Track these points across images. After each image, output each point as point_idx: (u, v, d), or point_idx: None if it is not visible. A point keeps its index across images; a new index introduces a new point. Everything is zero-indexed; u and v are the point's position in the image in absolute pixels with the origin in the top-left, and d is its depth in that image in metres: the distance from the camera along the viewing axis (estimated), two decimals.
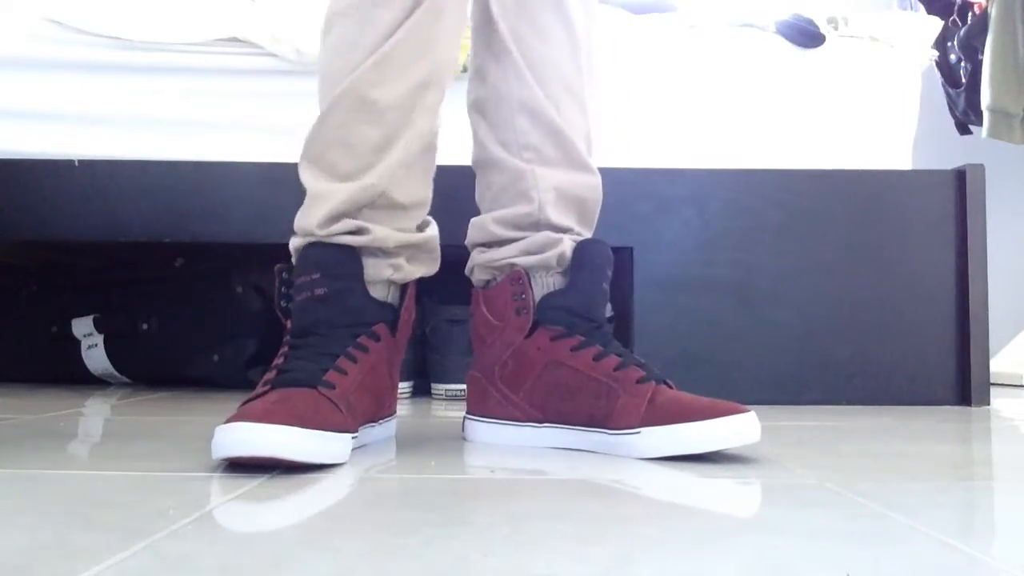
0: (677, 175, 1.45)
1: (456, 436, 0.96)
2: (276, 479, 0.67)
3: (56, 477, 0.67)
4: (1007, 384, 2.02)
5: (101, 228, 1.43)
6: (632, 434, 0.81)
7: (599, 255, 0.91)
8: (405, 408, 1.33)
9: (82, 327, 1.63)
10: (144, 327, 1.61)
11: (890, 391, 1.42)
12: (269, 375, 0.78)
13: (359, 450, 0.83)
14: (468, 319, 0.98)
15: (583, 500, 0.62)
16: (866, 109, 1.61)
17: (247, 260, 1.59)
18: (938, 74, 2.40)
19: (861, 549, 0.48)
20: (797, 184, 1.46)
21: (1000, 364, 2.09)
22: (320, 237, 0.83)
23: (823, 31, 1.63)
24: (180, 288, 1.62)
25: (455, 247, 1.00)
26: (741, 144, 1.57)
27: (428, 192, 0.91)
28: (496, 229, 0.93)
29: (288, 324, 0.84)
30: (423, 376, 1.54)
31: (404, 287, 0.89)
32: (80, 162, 1.44)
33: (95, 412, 1.20)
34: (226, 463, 0.72)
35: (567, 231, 0.93)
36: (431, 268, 0.93)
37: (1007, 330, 2.21)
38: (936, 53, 1.81)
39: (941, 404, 1.42)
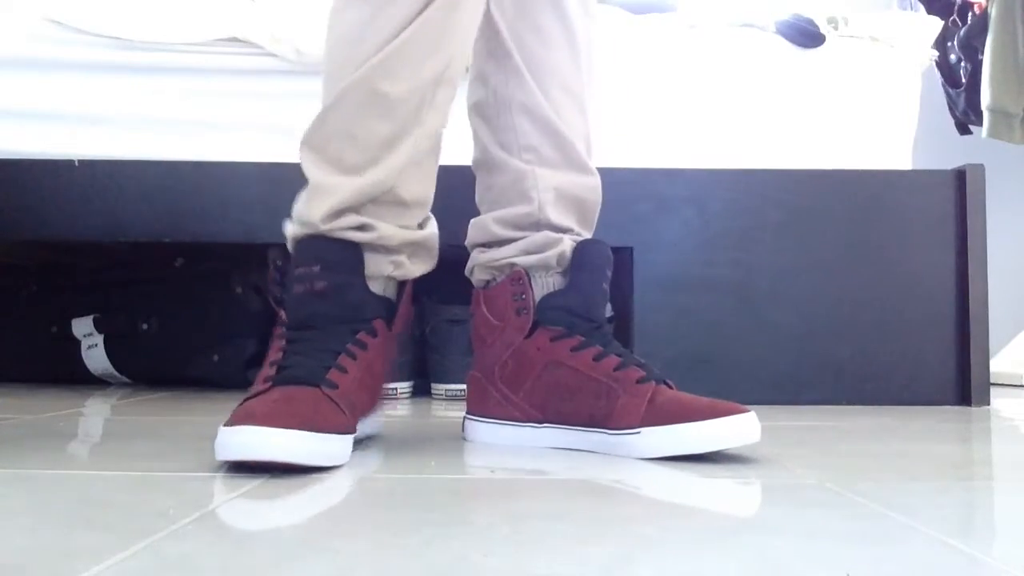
0: (677, 175, 1.45)
1: (456, 436, 0.96)
2: (276, 479, 0.67)
3: (56, 477, 0.67)
4: (1007, 384, 2.02)
5: (101, 228, 1.43)
6: (632, 434, 0.81)
7: (599, 255, 0.91)
8: (405, 408, 1.33)
9: (82, 327, 1.63)
10: (144, 327, 1.61)
11: (890, 391, 1.42)
12: (269, 371, 0.77)
13: (359, 450, 0.83)
14: (468, 319, 0.98)
15: (583, 500, 0.62)
16: (866, 109, 1.61)
17: (247, 260, 1.59)
18: (938, 74, 2.40)
19: (861, 549, 0.48)
20: (797, 184, 1.46)
21: (1000, 364, 2.09)
22: (323, 231, 0.82)
23: (823, 31, 1.63)
24: (180, 288, 1.62)
25: (455, 247, 1.00)
26: (741, 144, 1.57)
27: (431, 190, 0.90)
28: (496, 229, 0.93)
29: (282, 314, 0.83)
30: (423, 376, 1.54)
31: (402, 282, 0.89)
32: (80, 162, 1.44)
33: (95, 412, 1.20)
34: (227, 464, 0.72)
35: (567, 231, 0.93)
36: (430, 266, 0.92)
37: (1007, 330, 2.21)
38: (936, 53, 1.81)
39: (941, 404, 1.42)
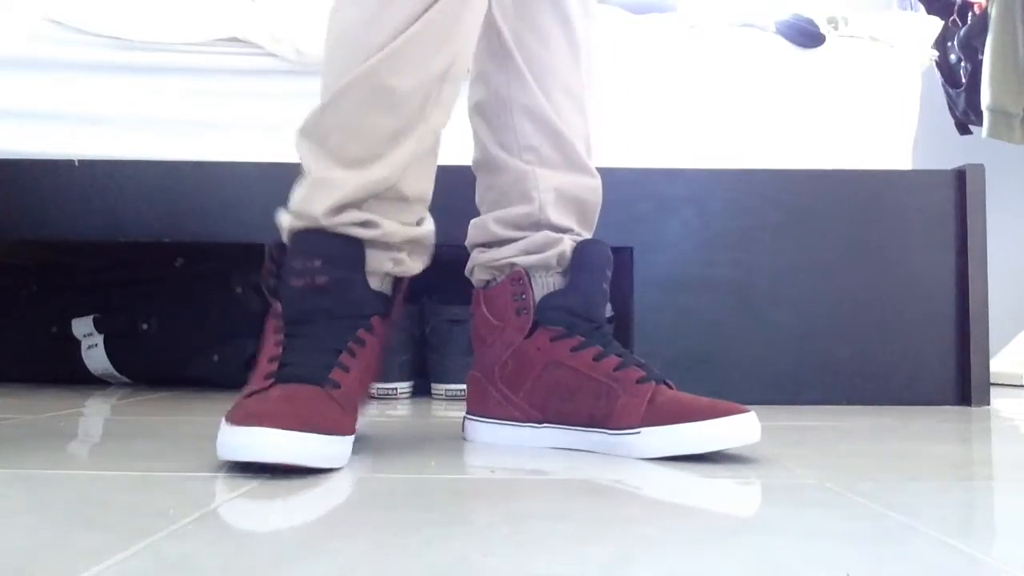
0: (677, 175, 1.45)
1: (456, 436, 0.96)
2: (276, 479, 0.67)
3: (56, 477, 0.67)
4: (1007, 384, 2.02)
5: (101, 228, 1.43)
6: (632, 434, 0.81)
7: (599, 255, 0.91)
8: (405, 408, 1.33)
9: (82, 327, 1.63)
10: (144, 327, 1.61)
11: (890, 391, 1.42)
12: (269, 367, 0.76)
13: (358, 450, 0.83)
14: (468, 319, 0.98)
15: (583, 500, 0.62)
16: (866, 109, 1.61)
17: (247, 260, 1.59)
18: (938, 74, 2.40)
19: (861, 549, 0.48)
20: (797, 184, 1.46)
21: (1000, 364, 2.09)
22: (325, 226, 0.81)
23: (823, 31, 1.63)
24: (180, 288, 1.62)
25: (455, 247, 1.00)
26: (741, 144, 1.57)
27: (431, 187, 0.90)
28: (496, 229, 0.93)
29: (277, 305, 0.81)
30: (423, 376, 1.54)
31: (397, 278, 0.88)
32: (80, 162, 1.44)
33: (95, 412, 1.20)
34: (228, 464, 0.72)
35: (567, 231, 0.93)
36: (426, 263, 0.92)
37: (1007, 330, 2.21)
38: (936, 53, 1.81)
39: (941, 404, 1.42)
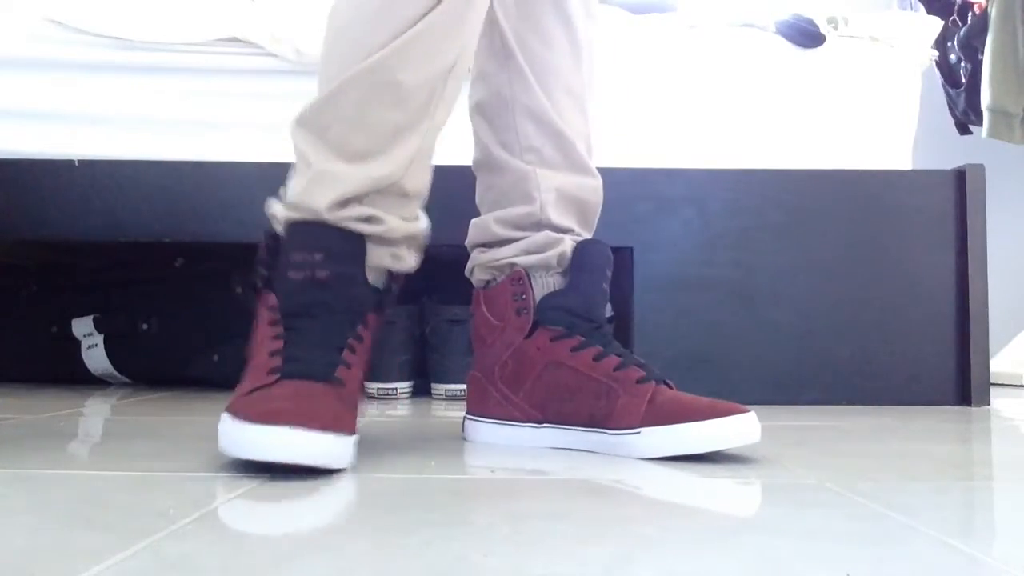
0: (677, 175, 1.45)
1: (456, 436, 0.96)
2: (276, 479, 0.66)
3: (56, 477, 0.67)
4: (1007, 384, 2.02)
5: (101, 228, 1.43)
6: (632, 434, 0.81)
7: (599, 255, 0.91)
8: (405, 408, 1.33)
9: (82, 327, 1.63)
10: (144, 327, 1.61)
11: (890, 391, 1.42)
12: (272, 361, 0.74)
13: (358, 450, 0.82)
14: (468, 319, 0.98)
15: (583, 500, 0.62)
16: (866, 109, 1.61)
17: (247, 260, 1.58)
18: (938, 74, 2.40)
19: (861, 549, 0.48)
20: (797, 184, 1.46)
21: (1000, 364, 2.09)
22: (328, 220, 0.79)
23: (823, 31, 1.63)
24: (180, 288, 1.62)
25: (455, 247, 1.00)
26: (741, 144, 1.57)
27: (429, 182, 0.88)
28: (497, 229, 0.93)
29: (271, 297, 0.79)
30: (423, 376, 1.54)
31: (391, 273, 0.86)
32: (80, 162, 1.44)
33: (95, 412, 1.20)
34: (227, 464, 0.72)
35: (567, 232, 0.93)
36: (419, 259, 0.90)
37: (1007, 330, 2.21)
38: (936, 53, 1.81)
39: (941, 404, 1.42)
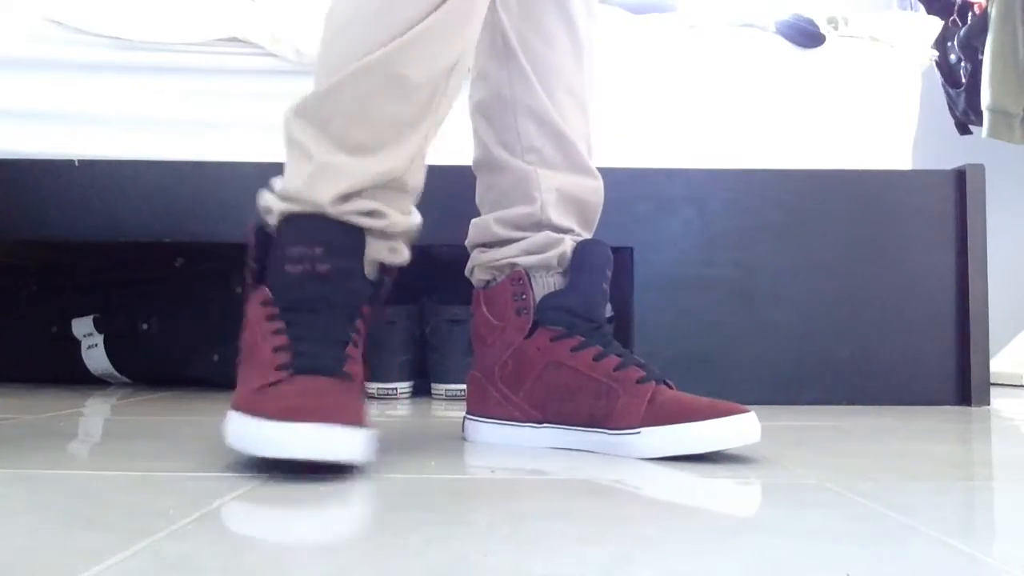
0: (677, 175, 1.45)
1: (456, 436, 0.96)
2: (276, 479, 0.67)
3: (56, 477, 0.67)
4: (1007, 384, 2.02)
5: (101, 228, 1.43)
6: (632, 434, 0.81)
7: (599, 255, 0.91)
8: (405, 408, 1.33)
9: (82, 327, 1.63)
10: (144, 327, 1.61)
11: (890, 391, 1.42)
12: (278, 357, 0.73)
13: None
14: (468, 319, 0.98)
15: (583, 500, 0.62)
16: (866, 109, 1.61)
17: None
18: (938, 74, 2.40)
19: (861, 549, 0.48)
20: (797, 184, 1.46)
21: (1000, 364, 2.09)
22: (331, 213, 0.77)
23: (823, 31, 1.63)
24: (180, 288, 1.62)
25: (455, 247, 1.00)
26: (741, 144, 1.57)
27: (424, 177, 0.87)
28: (497, 229, 0.93)
29: (265, 291, 0.78)
30: (423, 376, 1.54)
31: (384, 267, 0.84)
32: (80, 162, 1.44)
33: (95, 412, 1.20)
34: (226, 464, 0.72)
35: (568, 232, 0.93)
36: (409, 253, 0.89)
37: (1007, 330, 2.21)
38: (936, 53, 1.81)
39: (941, 404, 1.42)
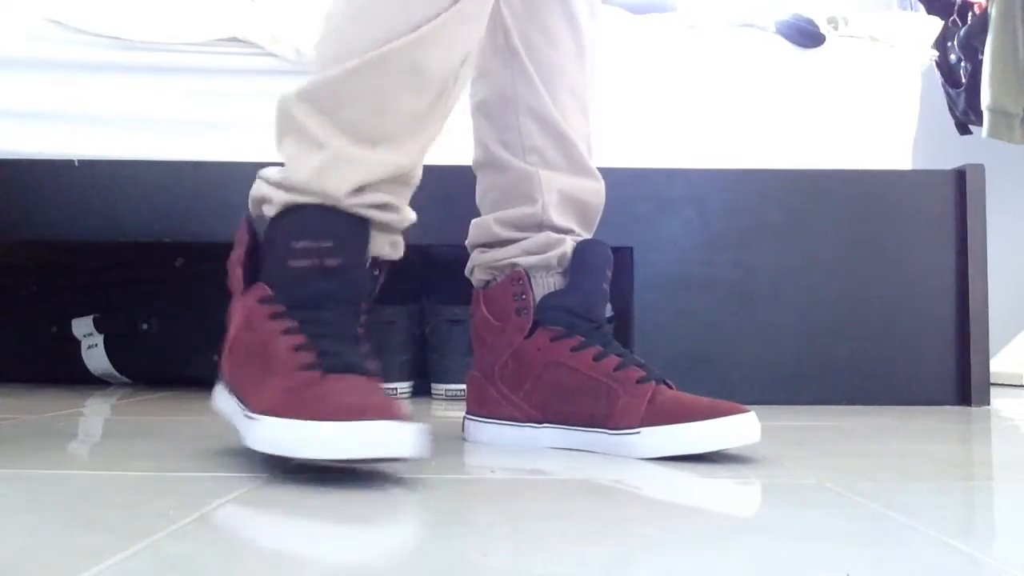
0: (677, 175, 1.45)
1: (456, 436, 0.96)
2: (276, 479, 0.67)
3: (56, 477, 0.67)
4: (1007, 384, 2.02)
5: (101, 228, 1.43)
6: (632, 434, 0.81)
7: (599, 255, 0.91)
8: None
9: (82, 327, 1.63)
10: (144, 327, 1.61)
11: (890, 391, 1.42)
12: (301, 357, 0.70)
13: None
14: (468, 319, 0.98)
15: (583, 500, 0.62)
16: (866, 109, 1.61)
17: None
18: (938, 74, 2.40)
19: (861, 549, 0.48)
20: (797, 184, 1.46)
21: (1000, 364, 2.09)
22: (345, 206, 0.75)
23: (823, 31, 1.63)
24: (180, 288, 1.62)
25: (455, 247, 1.00)
26: (741, 144, 1.57)
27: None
28: (498, 229, 0.93)
29: (263, 290, 0.76)
30: (423, 376, 1.54)
31: (376, 260, 0.82)
32: (80, 162, 1.44)
33: (95, 412, 1.20)
34: (228, 462, 0.72)
35: (568, 232, 0.93)
36: None
37: (1007, 330, 2.21)
38: (936, 53, 1.81)
39: (941, 404, 1.42)
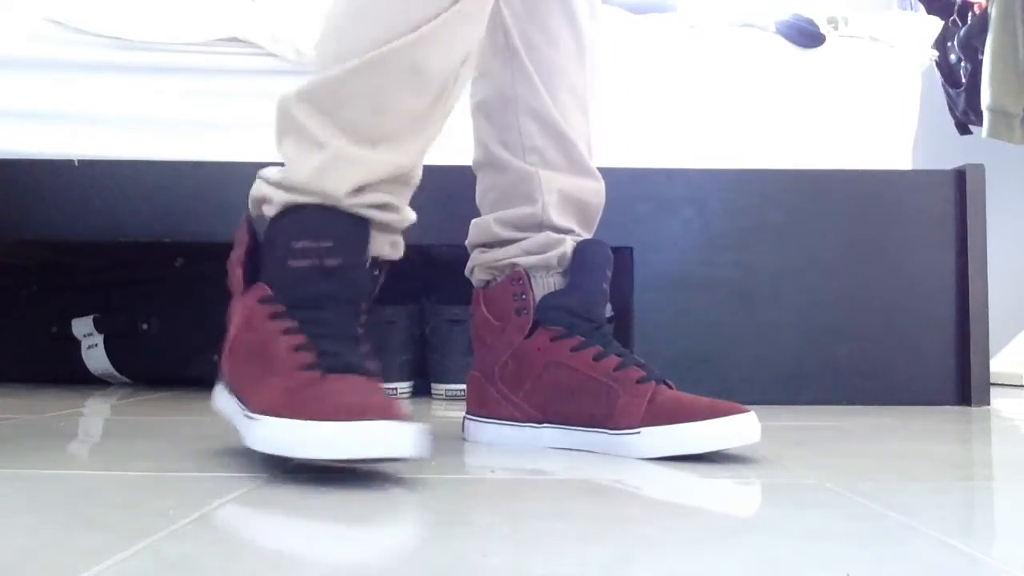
0: (677, 175, 1.45)
1: (456, 436, 0.96)
2: (276, 479, 0.67)
3: (56, 477, 0.67)
4: (1007, 384, 2.02)
5: (101, 228, 1.43)
6: (632, 434, 0.81)
7: (599, 255, 0.91)
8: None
9: (82, 327, 1.63)
10: (144, 327, 1.61)
11: (890, 391, 1.42)
12: (301, 357, 0.70)
13: None
14: (468, 319, 0.98)
15: (583, 500, 0.62)
16: (866, 109, 1.61)
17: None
18: (938, 74, 2.40)
19: (861, 549, 0.48)
20: (797, 184, 1.46)
21: (1000, 364, 2.09)
22: (345, 206, 0.74)
23: (823, 31, 1.63)
24: (180, 288, 1.62)
25: (455, 247, 1.00)
26: (741, 144, 1.57)
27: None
28: (498, 230, 0.93)
29: (262, 290, 0.75)
30: (423, 376, 1.54)
31: (376, 260, 0.82)
32: (80, 162, 1.44)
33: (95, 412, 1.20)
34: (228, 462, 0.72)
35: (568, 232, 0.93)
36: None
37: (1007, 330, 2.21)
38: (936, 53, 1.81)
39: (941, 404, 1.42)
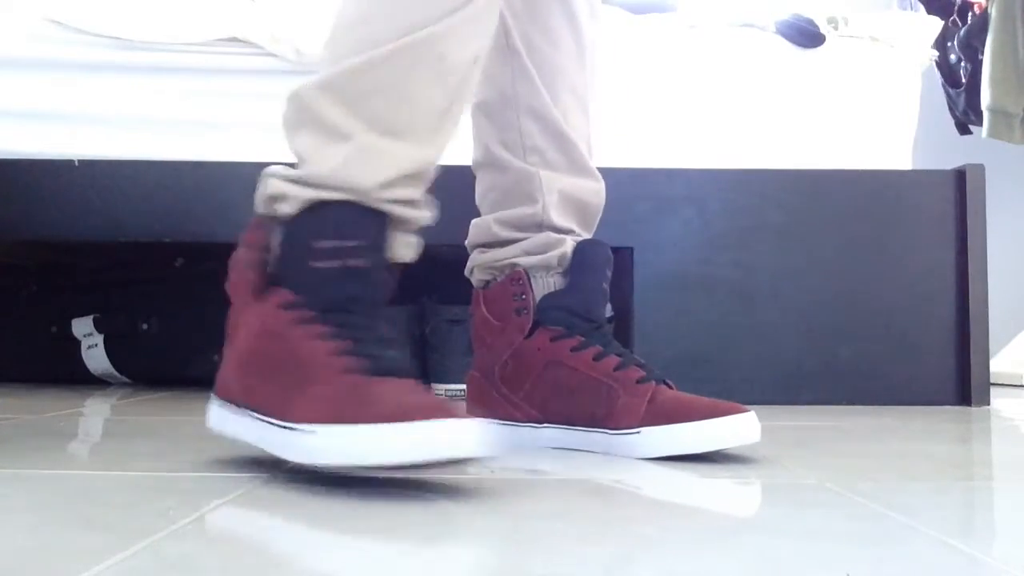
0: (677, 175, 1.45)
1: None
2: (276, 479, 0.67)
3: (56, 477, 0.67)
4: (1007, 384, 2.02)
5: (101, 228, 1.43)
6: (632, 434, 0.81)
7: (599, 255, 0.91)
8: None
9: (82, 327, 1.63)
10: (144, 327, 1.61)
11: (890, 391, 1.42)
12: (344, 361, 0.65)
13: None
14: (468, 319, 0.98)
15: (583, 500, 0.62)
16: (866, 109, 1.61)
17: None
18: (938, 74, 2.40)
19: (861, 549, 0.48)
20: (797, 184, 1.46)
21: (1000, 364, 2.09)
22: (372, 200, 0.71)
23: (823, 31, 1.63)
24: (180, 288, 1.62)
25: (455, 247, 1.00)
26: (741, 144, 1.57)
27: None
28: (498, 230, 0.93)
29: (284, 294, 0.71)
30: (423, 376, 1.54)
31: (391, 264, 0.79)
32: (80, 162, 1.44)
33: (95, 412, 1.20)
34: (229, 461, 0.72)
35: (568, 232, 0.93)
36: None
37: (1007, 330, 2.21)
38: (936, 53, 1.81)
39: (941, 404, 1.42)
